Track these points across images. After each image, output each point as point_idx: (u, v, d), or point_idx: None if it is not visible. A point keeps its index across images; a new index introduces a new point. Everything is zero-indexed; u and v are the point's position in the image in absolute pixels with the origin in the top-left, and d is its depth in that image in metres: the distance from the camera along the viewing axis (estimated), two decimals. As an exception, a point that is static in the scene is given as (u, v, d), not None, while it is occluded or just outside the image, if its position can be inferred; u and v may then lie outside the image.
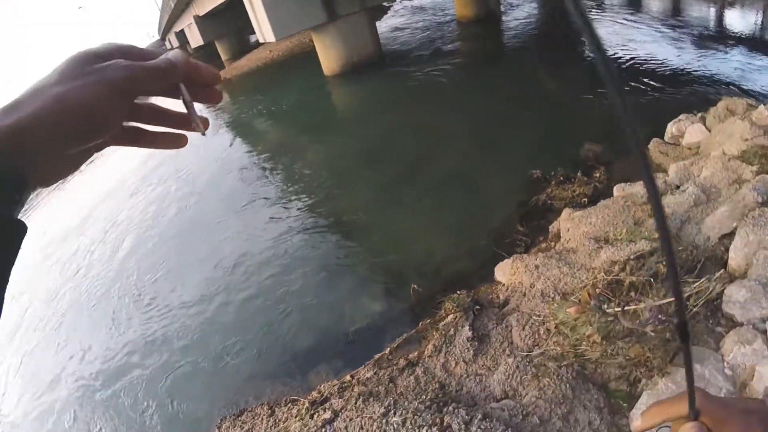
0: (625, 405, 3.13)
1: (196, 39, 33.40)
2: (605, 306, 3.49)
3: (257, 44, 26.58)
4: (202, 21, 30.04)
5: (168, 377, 5.21)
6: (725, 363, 3.02)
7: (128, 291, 7.06)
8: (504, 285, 4.55)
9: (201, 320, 5.81)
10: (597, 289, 3.64)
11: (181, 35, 42.19)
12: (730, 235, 3.83)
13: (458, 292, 4.54)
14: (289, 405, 4.16)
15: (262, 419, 4.11)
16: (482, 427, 3.17)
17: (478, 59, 12.40)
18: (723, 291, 3.38)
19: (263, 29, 12.85)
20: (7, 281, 0.52)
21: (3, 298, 0.51)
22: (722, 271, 3.55)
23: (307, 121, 10.67)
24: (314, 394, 4.08)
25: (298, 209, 7.33)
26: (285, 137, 10.27)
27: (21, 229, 0.52)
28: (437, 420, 3.32)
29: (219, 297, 6.05)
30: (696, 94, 7.41)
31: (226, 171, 9.80)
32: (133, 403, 5.11)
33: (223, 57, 32.21)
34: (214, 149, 11.22)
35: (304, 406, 3.91)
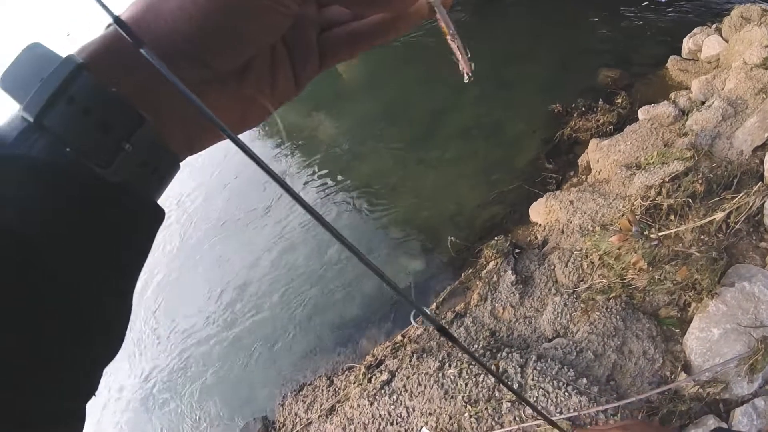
0: (677, 331, 3.13)
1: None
2: (647, 232, 3.47)
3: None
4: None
5: (225, 372, 5.30)
6: (774, 279, 3.00)
7: (163, 312, 6.94)
8: (540, 225, 4.55)
9: (245, 313, 5.85)
10: (636, 216, 3.61)
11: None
12: (763, 147, 3.74)
13: (496, 238, 4.52)
14: (346, 373, 4.25)
15: (322, 390, 4.21)
16: (538, 368, 3.20)
17: (475, 3, 12.08)
18: (763, 204, 3.33)
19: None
20: (131, 283, 0.38)
21: (128, 315, 0.38)
22: (759, 183, 3.48)
23: (316, 98, 10.47)
24: (369, 358, 4.15)
25: (322, 186, 7.28)
26: (297, 119, 10.12)
27: (145, 210, 0.37)
28: (492, 366, 3.36)
29: (259, 288, 6.08)
30: (707, 5, 7.14)
31: (246, 175, 9.57)
32: (197, 401, 5.19)
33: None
34: (226, 159, 10.96)
35: (361, 372, 3.98)
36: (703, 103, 4.54)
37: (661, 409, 2.78)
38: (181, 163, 0.42)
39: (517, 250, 4.32)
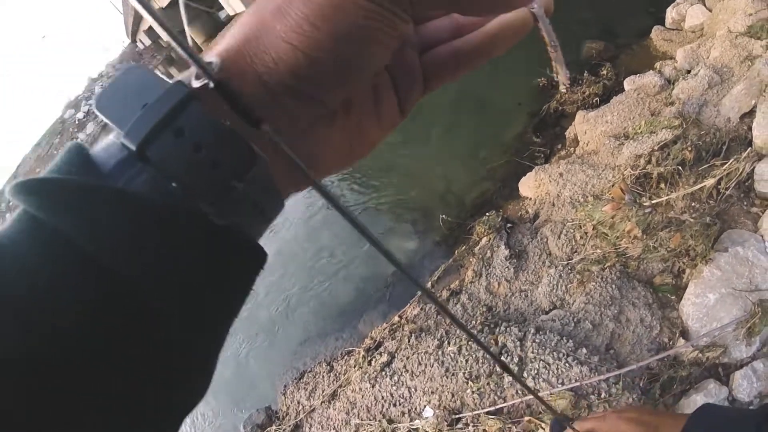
0: (673, 298, 3.15)
1: (166, 30, 32.63)
2: (639, 200, 3.49)
3: (229, 19, 25.68)
4: (167, 11, 29.00)
5: (224, 365, 5.24)
6: (766, 243, 3.02)
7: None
8: (531, 199, 4.55)
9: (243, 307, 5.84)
10: (628, 184, 3.62)
11: (151, 32, 40.54)
12: (751, 114, 3.75)
13: (487, 214, 4.52)
14: (345, 357, 4.26)
15: (323, 376, 4.21)
16: (537, 340, 3.22)
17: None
18: (753, 170, 3.34)
19: (230, 1, 12.41)
20: (229, 327, 0.35)
21: (217, 360, 0.35)
22: (749, 149, 3.49)
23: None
24: (367, 341, 4.15)
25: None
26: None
27: (248, 253, 0.34)
28: (491, 341, 3.38)
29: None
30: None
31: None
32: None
33: (198, 40, 30.85)
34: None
35: (361, 355, 3.99)
36: (688, 71, 4.54)
37: (662, 375, 2.80)
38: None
39: (509, 225, 4.33)
